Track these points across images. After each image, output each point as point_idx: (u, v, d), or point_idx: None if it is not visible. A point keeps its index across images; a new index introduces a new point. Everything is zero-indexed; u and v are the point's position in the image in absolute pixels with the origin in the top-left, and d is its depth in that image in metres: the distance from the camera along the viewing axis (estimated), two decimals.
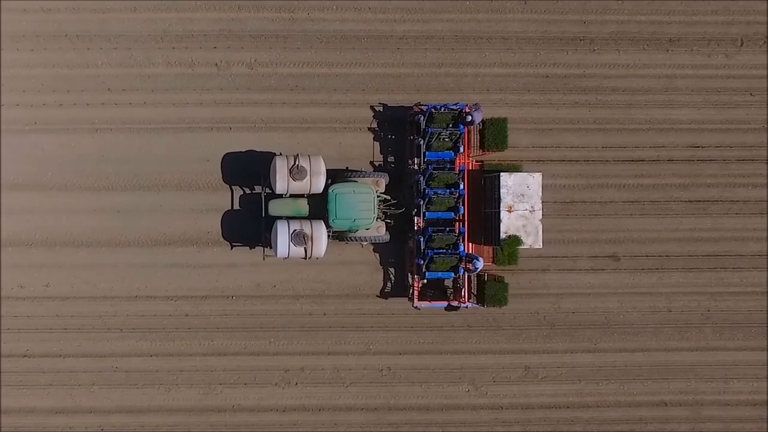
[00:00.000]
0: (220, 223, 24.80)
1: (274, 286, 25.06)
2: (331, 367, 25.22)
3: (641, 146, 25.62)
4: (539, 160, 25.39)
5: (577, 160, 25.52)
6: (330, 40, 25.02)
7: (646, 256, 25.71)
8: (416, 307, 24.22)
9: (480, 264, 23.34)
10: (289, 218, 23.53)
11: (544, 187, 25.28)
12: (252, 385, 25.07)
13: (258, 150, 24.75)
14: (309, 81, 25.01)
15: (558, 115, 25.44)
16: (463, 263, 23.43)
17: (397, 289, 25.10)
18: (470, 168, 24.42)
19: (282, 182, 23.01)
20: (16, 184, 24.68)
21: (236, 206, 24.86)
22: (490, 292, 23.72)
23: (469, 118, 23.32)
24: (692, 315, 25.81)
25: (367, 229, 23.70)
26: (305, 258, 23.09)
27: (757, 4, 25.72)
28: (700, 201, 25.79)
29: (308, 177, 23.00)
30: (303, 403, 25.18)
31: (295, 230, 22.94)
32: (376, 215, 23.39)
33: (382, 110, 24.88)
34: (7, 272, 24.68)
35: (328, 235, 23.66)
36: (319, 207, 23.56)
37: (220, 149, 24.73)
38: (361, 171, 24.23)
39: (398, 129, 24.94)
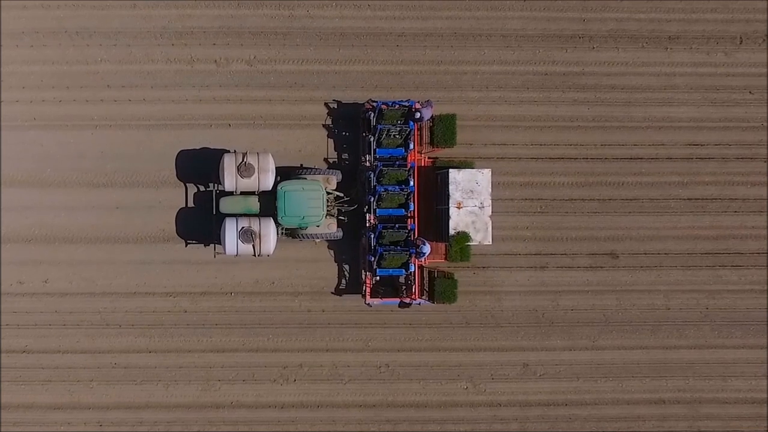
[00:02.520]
0: (174, 221, 24.87)
1: (273, 283, 25.09)
2: (330, 363, 25.24)
3: (640, 144, 25.63)
4: (537, 158, 25.41)
5: (576, 158, 25.52)
6: (329, 37, 25.04)
7: (645, 253, 25.71)
8: (368, 304, 24.21)
9: (426, 248, 23.29)
10: (240, 215, 23.51)
11: (543, 185, 25.43)
12: (250, 382, 25.09)
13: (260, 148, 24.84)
14: (308, 78, 25.03)
15: (557, 113, 25.45)
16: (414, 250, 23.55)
17: (352, 286, 25.07)
18: (423, 165, 24.40)
19: (230, 179, 23.06)
20: (15, 180, 24.72)
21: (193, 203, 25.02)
22: (439, 288, 23.64)
23: (418, 114, 23.27)
24: (691, 313, 25.81)
25: (318, 226, 23.70)
26: (254, 255, 23.10)
27: (756, 2, 25.71)
28: (698, 199, 25.79)
29: (256, 174, 23.01)
30: (301, 399, 25.20)
31: (243, 227, 23.01)
32: (325, 212, 23.42)
33: (337, 107, 24.86)
34: (6, 268, 24.72)
35: (281, 233, 23.76)
36: (270, 204, 23.55)
37: (220, 146, 24.71)
38: (314, 168, 24.24)
39: (353, 126, 24.93)
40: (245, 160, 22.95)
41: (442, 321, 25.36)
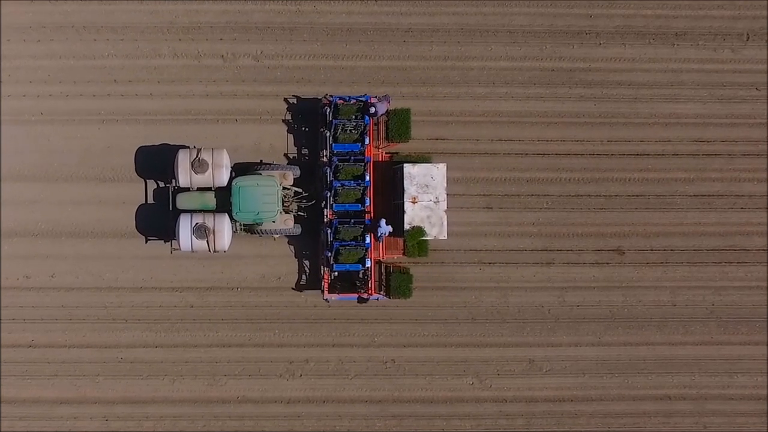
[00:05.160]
0: (134, 216, 24.88)
1: (279, 278, 25.09)
2: (336, 359, 25.24)
3: (646, 140, 25.63)
4: (544, 154, 25.42)
5: (582, 154, 25.53)
6: (336, 32, 25.05)
7: (651, 250, 25.71)
8: (326, 300, 24.17)
9: (383, 228, 23.19)
10: (197, 211, 23.52)
11: (550, 181, 25.44)
12: (256, 377, 25.10)
13: (262, 143, 24.88)
14: (315, 73, 25.04)
15: (563, 109, 25.46)
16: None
17: (313, 281, 24.99)
18: (381, 160, 24.34)
19: (184, 175, 23.12)
20: (21, 174, 24.74)
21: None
22: (394, 283, 23.62)
23: (372, 109, 23.21)
24: (697, 309, 25.81)
25: (273, 222, 23.71)
26: (209, 251, 23.17)
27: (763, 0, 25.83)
28: (704, 195, 25.79)
29: (210, 170, 23.03)
30: (307, 394, 25.21)
31: (197, 223, 23.06)
32: (280, 208, 23.44)
33: (296, 102, 24.83)
34: (13, 263, 24.74)
35: (238, 229, 23.87)
36: (227, 200, 23.58)
37: (226, 141, 24.73)
38: (272, 164, 24.26)
39: (313, 121, 24.85)
40: (199, 156, 23.00)
41: (448, 316, 25.36)
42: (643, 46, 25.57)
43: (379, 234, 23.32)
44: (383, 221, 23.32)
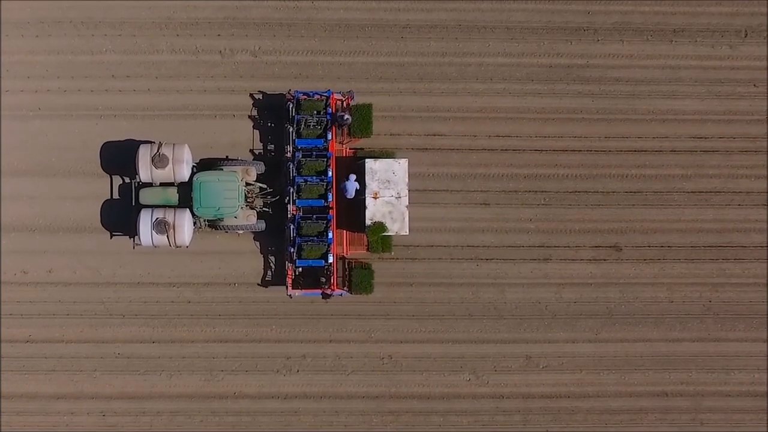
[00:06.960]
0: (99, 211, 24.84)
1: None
2: (333, 354, 25.25)
3: (644, 137, 25.62)
4: (541, 150, 25.41)
5: (580, 150, 25.52)
6: (334, 28, 25.05)
7: (648, 246, 25.70)
8: (289, 296, 24.12)
9: (351, 184, 23.14)
10: (160, 207, 23.53)
11: (547, 177, 25.44)
12: (253, 372, 25.11)
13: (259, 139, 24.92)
14: (313, 69, 25.04)
15: (561, 105, 25.44)
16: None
17: (278, 278, 24.92)
18: (345, 155, 24.32)
19: (144, 170, 23.12)
20: (19, 169, 24.76)
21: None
22: (356, 279, 23.64)
23: (346, 116, 23.23)
24: (694, 306, 25.80)
25: (236, 218, 23.68)
26: (170, 246, 23.18)
27: None
28: (702, 192, 25.77)
29: (170, 165, 23.03)
30: (304, 390, 25.22)
31: (157, 218, 23.05)
32: (241, 204, 23.43)
33: (262, 98, 24.77)
34: (11, 258, 24.77)
35: (202, 225, 23.90)
36: (189, 196, 23.57)
37: (223, 136, 24.75)
38: (236, 159, 24.24)
39: (279, 117, 24.79)
40: (159, 150, 22.99)
41: (445, 313, 25.36)
42: (641, 43, 25.56)
43: (346, 189, 23.28)
44: (353, 176, 23.31)
